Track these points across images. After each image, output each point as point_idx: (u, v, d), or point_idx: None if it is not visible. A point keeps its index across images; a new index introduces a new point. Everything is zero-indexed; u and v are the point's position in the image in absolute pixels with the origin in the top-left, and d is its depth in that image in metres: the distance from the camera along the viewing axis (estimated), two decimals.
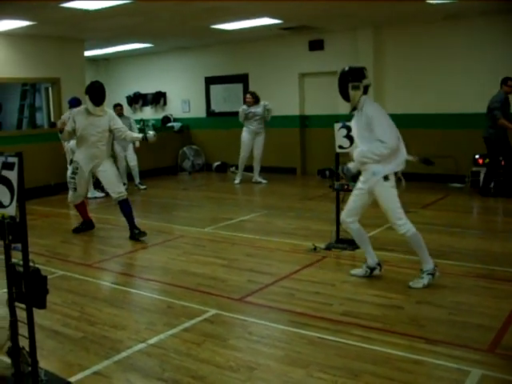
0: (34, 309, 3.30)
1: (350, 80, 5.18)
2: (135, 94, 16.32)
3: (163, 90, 15.82)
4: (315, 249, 6.56)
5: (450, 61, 11.17)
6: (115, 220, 8.73)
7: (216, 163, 14.77)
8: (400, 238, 6.76)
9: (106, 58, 16.65)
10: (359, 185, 5.39)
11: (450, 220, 8.00)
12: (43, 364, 3.52)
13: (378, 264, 5.59)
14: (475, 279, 5.43)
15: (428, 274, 5.15)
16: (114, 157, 11.47)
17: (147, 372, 3.69)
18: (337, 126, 6.57)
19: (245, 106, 12.20)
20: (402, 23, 11.61)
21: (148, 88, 15.99)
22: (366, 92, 5.21)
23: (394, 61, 12.03)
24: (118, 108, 11.81)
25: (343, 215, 5.57)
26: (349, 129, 6.41)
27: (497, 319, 4.40)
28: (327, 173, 12.34)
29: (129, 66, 16.43)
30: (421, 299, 4.92)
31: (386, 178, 5.12)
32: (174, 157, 14.70)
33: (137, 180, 11.92)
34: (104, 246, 7.28)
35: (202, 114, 15.17)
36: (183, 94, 15.43)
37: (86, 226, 8.07)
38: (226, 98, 14.87)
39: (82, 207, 8.05)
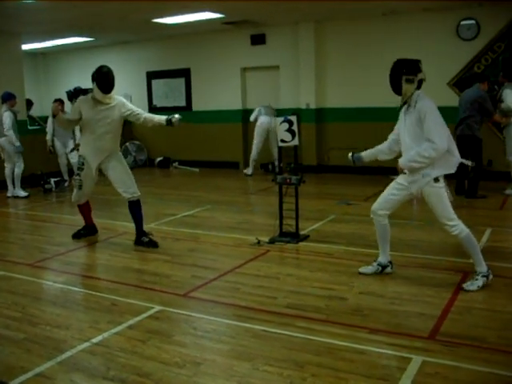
0: None
1: (404, 72, 4.83)
2: (75, 89, 15.88)
3: None
4: (259, 243, 6.59)
5: (391, 55, 11.32)
6: (57, 218, 8.59)
7: (158, 158, 14.66)
8: (342, 230, 6.88)
9: (44, 52, 16.26)
10: (401, 180, 5.10)
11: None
12: None
13: (390, 262, 5.42)
14: (416, 269, 5.56)
15: (483, 276, 4.92)
16: (54, 153, 11.31)
17: (92, 371, 3.64)
18: (278, 120, 6.60)
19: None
20: (343, 18, 11.76)
21: (89, 83, 15.50)
22: (419, 87, 4.87)
23: (336, 55, 12.19)
24: (58, 104, 11.53)
25: (376, 206, 5.23)
26: (290, 123, 6.47)
27: (437, 307, 4.52)
28: (270, 167, 12.44)
29: (69, 60, 16.08)
30: (363, 290, 5.01)
31: (436, 179, 4.83)
32: None
33: None
34: (45, 244, 7.12)
35: (144, 109, 14.81)
36: (124, 89, 15.15)
37: (87, 232, 7.30)
38: (167, 93, 14.78)
39: (86, 209, 7.26)
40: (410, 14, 11.08)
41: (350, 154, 5.58)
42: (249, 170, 12.60)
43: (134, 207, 6.85)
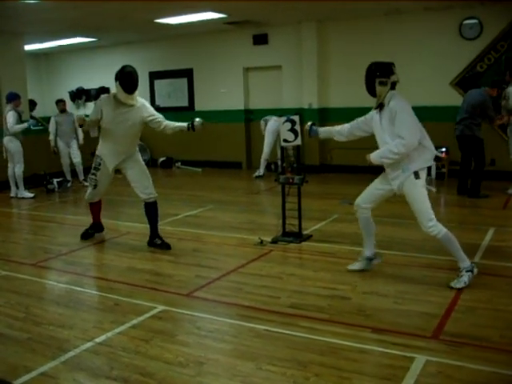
0: None
1: (378, 75, 4.96)
2: (78, 90, 16.00)
3: (107, 85, 15.52)
4: (262, 242, 6.59)
5: (393, 55, 11.35)
6: (60, 218, 8.61)
7: (161, 159, 14.66)
8: (345, 230, 6.87)
9: (47, 53, 16.28)
10: (383, 177, 5.25)
11: (392, 211, 8.12)
12: None
13: (375, 254, 5.53)
14: (419, 268, 5.56)
15: (467, 271, 4.94)
16: (57, 153, 11.35)
17: (95, 371, 3.65)
18: (281, 119, 6.60)
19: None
20: (345, 18, 11.75)
21: (91, 83, 15.71)
22: (393, 88, 4.99)
23: (338, 54, 12.18)
24: (60, 104, 11.59)
25: (359, 200, 5.34)
26: (293, 122, 6.47)
27: (440, 307, 4.52)
28: (273, 166, 12.44)
29: (71, 60, 16.10)
30: (367, 289, 5.01)
31: (416, 175, 4.91)
32: None
33: (81, 177, 11.71)
34: (48, 244, 7.13)
35: None
36: None
37: (95, 230, 7.34)
38: (170, 93, 14.78)
39: (96, 208, 7.27)
40: (413, 14, 11.07)
41: (309, 124, 5.74)
42: (260, 171, 12.28)
43: (150, 208, 6.80)
